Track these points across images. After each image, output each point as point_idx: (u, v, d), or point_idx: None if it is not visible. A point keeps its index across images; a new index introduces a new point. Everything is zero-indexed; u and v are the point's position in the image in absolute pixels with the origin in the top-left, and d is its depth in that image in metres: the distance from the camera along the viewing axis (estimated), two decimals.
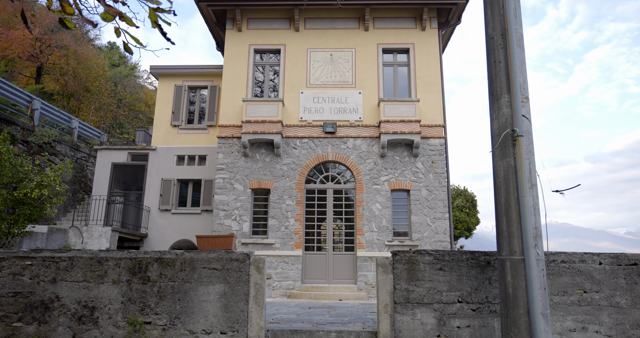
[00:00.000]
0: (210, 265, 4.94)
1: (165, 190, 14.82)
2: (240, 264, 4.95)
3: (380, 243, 12.46)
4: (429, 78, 13.66)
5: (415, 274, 4.92)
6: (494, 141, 4.55)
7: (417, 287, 4.88)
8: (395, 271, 4.94)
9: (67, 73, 26.29)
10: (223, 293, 4.86)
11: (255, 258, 5.00)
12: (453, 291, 4.86)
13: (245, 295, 4.87)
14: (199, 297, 4.85)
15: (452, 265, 4.93)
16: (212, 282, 4.89)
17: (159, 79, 15.94)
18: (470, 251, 5.00)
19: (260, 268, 4.95)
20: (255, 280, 4.92)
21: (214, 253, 4.96)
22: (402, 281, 4.91)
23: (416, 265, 4.94)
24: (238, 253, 4.98)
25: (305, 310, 7.37)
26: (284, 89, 13.72)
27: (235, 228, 12.71)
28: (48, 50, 25.39)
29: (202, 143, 15.23)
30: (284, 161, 13.15)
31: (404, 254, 4.99)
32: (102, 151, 15.35)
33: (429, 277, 4.91)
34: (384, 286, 4.90)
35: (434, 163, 13.03)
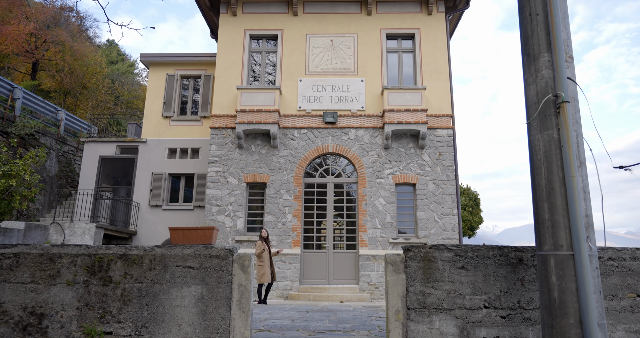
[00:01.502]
0: (186, 263, 4.10)
1: (156, 185, 13.99)
2: (221, 262, 4.12)
3: (384, 241, 11.62)
4: (436, 65, 12.81)
5: (432, 274, 4.08)
6: (530, 110, 3.71)
7: (435, 290, 4.04)
8: (408, 271, 4.10)
9: (63, 69, 25.60)
10: (200, 297, 4.03)
11: (240, 255, 4.16)
12: (478, 295, 4.03)
13: (227, 299, 4.04)
14: (171, 302, 4.01)
15: (476, 263, 4.10)
16: (187, 284, 4.06)
17: (150, 68, 15.12)
18: (497, 246, 4.16)
19: (246, 266, 4.12)
20: (239, 281, 4.08)
21: (190, 248, 4.13)
22: (416, 282, 4.07)
23: (433, 263, 4.11)
24: (219, 249, 4.15)
25: (302, 315, 6.54)
26: (281, 77, 12.88)
27: (228, 224, 11.87)
28: (44, 46, 24.67)
29: (195, 135, 14.40)
30: (281, 153, 12.32)
31: (418, 250, 4.15)
32: (90, 144, 14.52)
33: (448, 277, 4.07)
34: (395, 288, 4.06)
35: (442, 155, 12.19)
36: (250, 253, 4.18)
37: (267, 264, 9.56)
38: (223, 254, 4.13)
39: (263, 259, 9.56)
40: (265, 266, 9.54)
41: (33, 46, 24.20)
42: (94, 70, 28.77)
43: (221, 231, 11.82)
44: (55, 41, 24.94)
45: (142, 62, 15.12)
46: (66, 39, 25.70)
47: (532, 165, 3.64)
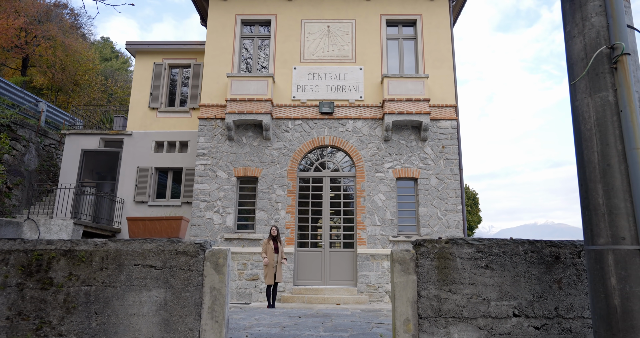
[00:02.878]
0: (146, 261, 3.33)
1: (142, 180, 13.19)
2: (190, 260, 3.35)
3: (384, 239, 10.86)
4: (439, 53, 12.07)
5: (449, 274, 3.32)
6: (574, 69, 2.96)
7: (453, 294, 3.28)
8: (419, 271, 3.34)
9: (54, 65, 24.82)
10: (163, 303, 3.26)
11: (214, 252, 3.39)
12: (506, 300, 3.27)
13: (196, 305, 3.27)
14: (126, 309, 3.24)
15: (503, 261, 3.34)
16: (147, 287, 3.29)
17: (136, 57, 14.31)
18: (528, 240, 3.41)
19: (220, 265, 3.35)
20: (212, 284, 3.31)
21: (152, 242, 3.36)
22: (430, 285, 3.31)
23: (451, 261, 3.35)
24: (188, 244, 3.38)
25: (293, 321, 5.77)
26: (274, 65, 12.11)
27: (217, 221, 11.09)
28: (34, 41, 23.85)
29: (183, 127, 13.60)
30: (274, 146, 11.54)
31: (432, 245, 3.39)
32: (71, 136, 13.70)
33: (469, 279, 3.31)
34: (404, 292, 3.30)
35: (445, 147, 11.44)
36: (225, 249, 3.41)
37: (272, 264, 8.88)
38: (192, 250, 3.36)
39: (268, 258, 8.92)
40: (270, 267, 8.85)
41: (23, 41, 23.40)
42: (86, 67, 28.10)
43: (209, 228, 11.04)
44: (46, 36, 24.16)
45: (127, 50, 14.31)
46: (57, 34, 24.93)
47: (578, 137, 2.89)
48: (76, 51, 26.89)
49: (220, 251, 3.39)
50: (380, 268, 10.62)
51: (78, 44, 27.99)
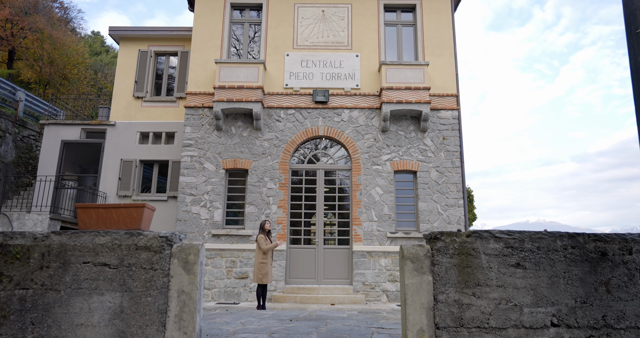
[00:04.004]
0: (98, 259, 2.69)
1: (125, 173, 12.47)
2: (153, 256, 2.71)
3: (381, 235, 10.26)
4: (439, 40, 11.47)
5: (472, 274, 2.71)
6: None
7: (478, 298, 2.67)
8: (436, 270, 2.73)
9: (41, 58, 24.00)
10: (119, 311, 2.62)
11: (183, 247, 2.76)
12: (542, 306, 2.67)
13: (160, 313, 2.63)
14: (72, 318, 2.60)
15: (538, 259, 2.73)
16: (98, 290, 2.64)
17: (120, 43, 13.57)
18: (568, 233, 2.81)
19: (191, 263, 2.71)
20: (180, 286, 2.68)
21: (106, 235, 2.72)
22: (449, 287, 2.69)
23: (474, 259, 2.73)
24: (151, 237, 2.74)
25: (283, 325, 5.15)
26: (266, 51, 11.44)
27: (204, 216, 10.43)
28: (21, 33, 22.99)
29: (170, 117, 12.89)
30: (265, 136, 10.89)
31: (451, 239, 2.78)
32: (50, 127, 12.95)
33: (497, 280, 2.70)
34: (417, 296, 2.68)
35: (446, 139, 10.85)
36: (197, 244, 2.78)
37: (270, 262, 8.21)
38: (156, 245, 2.72)
39: (267, 256, 8.17)
40: (268, 264, 8.15)
41: (9, 33, 22.54)
42: (75, 60, 27.37)
43: (196, 223, 10.38)
44: (33, 28, 23.32)
45: (111, 36, 13.57)
46: (45, 26, 24.11)
47: (637, 90, 2.28)
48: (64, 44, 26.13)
49: (191, 246, 2.75)
50: (377, 266, 10.03)
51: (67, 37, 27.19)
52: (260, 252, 8.13)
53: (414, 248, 2.77)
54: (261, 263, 8.06)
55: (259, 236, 8.18)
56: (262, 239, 8.14)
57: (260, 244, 8.10)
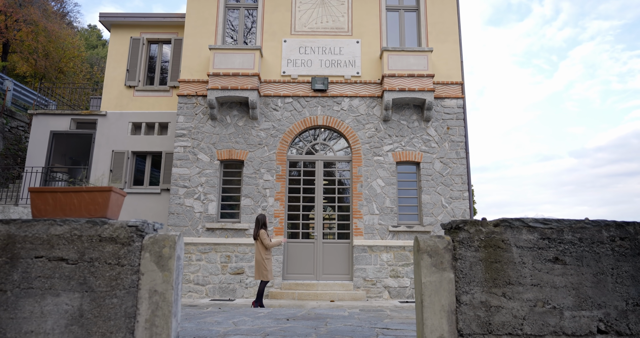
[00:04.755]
0: (53, 252, 2.25)
1: (117, 165, 12.01)
2: (120, 249, 2.27)
3: (383, 229, 9.83)
4: (443, 25, 10.99)
5: (502, 271, 2.27)
6: None
7: (509, 300, 2.23)
8: (459, 266, 2.29)
9: (36, 51, 23.49)
10: (78, 315, 2.18)
11: (157, 238, 2.31)
12: (587, 309, 2.23)
13: (127, 317, 2.19)
14: (19, 325, 2.16)
15: (580, 253, 2.30)
16: (53, 290, 2.20)
17: (112, 31, 13.06)
18: (615, 222, 2.37)
19: (165, 258, 2.27)
20: (152, 285, 2.23)
21: (64, 225, 2.27)
22: (474, 286, 2.25)
23: (504, 252, 2.29)
24: (117, 227, 2.29)
25: (279, 325, 4.72)
26: (262, 37, 10.95)
27: (198, 209, 9.98)
28: (15, 25, 22.45)
29: (163, 107, 12.41)
30: (262, 126, 10.43)
31: (476, 229, 2.34)
32: (39, 117, 12.46)
33: (531, 278, 2.26)
34: (436, 297, 2.24)
35: (450, 129, 10.40)
36: (174, 235, 2.33)
37: (271, 258, 7.81)
38: (124, 236, 2.27)
39: (269, 251, 7.76)
40: (271, 260, 7.74)
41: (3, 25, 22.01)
42: (71, 54, 26.92)
43: (190, 217, 9.94)
44: (27, 21, 22.79)
45: (101, 22, 13.04)
46: (40, 19, 23.58)
47: None
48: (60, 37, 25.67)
49: (166, 237, 2.30)
50: (379, 261, 9.61)
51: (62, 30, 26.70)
52: (263, 248, 7.70)
53: (432, 239, 2.33)
54: (266, 258, 7.64)
55: (262, 231, 7.74)
56: (266, 234, 7.71)
57: (263, 239, 7.66)
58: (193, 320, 5.09)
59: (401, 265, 9.58)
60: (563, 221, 2.33)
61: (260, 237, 7.68)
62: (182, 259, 2.40)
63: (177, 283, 2.29)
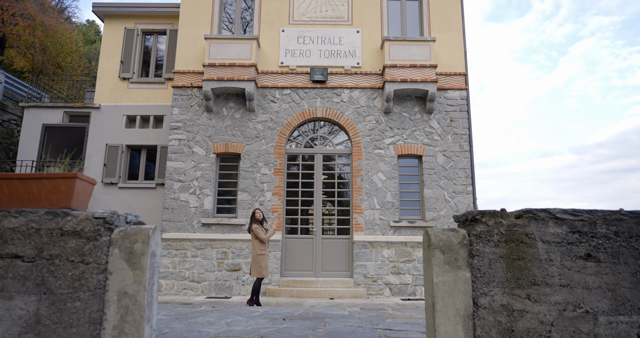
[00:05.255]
0: (6, 248, 1.95)
1: (111, 159, 11.70)
2: (85, 245, 1.96)
3: (384, 224, 9.53)
4: (446, 14, 10.65)
5: (526, 269, 1.97)
6: None
7: (534, 303, 1.93)
8: (476, 263, 1.98)
9: (33, 46, 23.17)
10: (34, 322, 1.88)
11: (128, 232, 2.01)
12: (625, 314, 1.93)
13: (92, 323, 1.89)
14: None
15: (616, 248, 1.99)
16: (5, 292, 1.90)
17: (105, 21, 12.71)
18: None
19: (137, 255, 1.97)
20: (122, 286, 1.93)
21: (19, 216, 1.97)
22: (494, 286, 1.95)
23: (528, 248, 1.99)
24: (82, 218, 1.99)
25: (275, 326, 4.43)
26: (259, 26, 10.61)
27: (194, 204, 9.68)
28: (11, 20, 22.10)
29: (158, 100, 12.09)
30: (259, 118, 10.11)
31: (496, 221, 2.03)
32: (31, 110, 12.15)
33: (560, 277, 1.96)
34: (450, 298, 1.94)
35: (454, 121, 10.08)
36: (147, 228, 2.03)
37: (267, 253, 7.46)
38: (89, 229, 1.96)
39: (265, 246, 7.40)
40: (266, 256, 7.39)
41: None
42: (69, 48, 26.61)
43: (185, 212, 9.64)
44: (24, 15, 22.43)
45: (94, 13, 12.70)
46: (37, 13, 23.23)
47: None
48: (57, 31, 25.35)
49: (139, 230, 2.00)
50: (380, 257, 9.32)
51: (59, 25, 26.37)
52: (258, 243, 7.39)
53: (445, 233, 2.02)
54: (260, 254, 7.33)
55: (255, 225, 7.43)
56: (259, 228, 7.39)
57: (257, 233, 7.35)
58: (183, 320, 4.80)
59: (403, 262, 9.29)
60: (596, 212, 2.03)
61: (254, 231, 7.38)
62: (157, 256, 2.09)
63: (151, 284, 1.99)
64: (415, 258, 9.32)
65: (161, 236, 9.53)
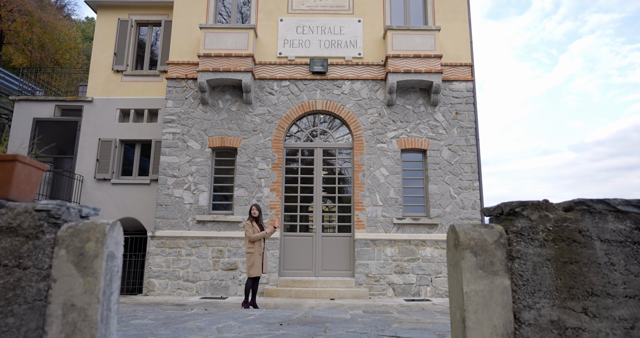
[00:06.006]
0: None
1: (104, 154, 11.29)
2: (22, 245, 1.55)
3: (387, 221, 9.13)
4: (451, 3, 10.22)
5: (581, 276, 1.55)
6: None
7: (592, 318, 1.52)
8: (517, 268, 1.57)
9: (31, 42, 22.81)
10: None
11: (78, 228, 1.59)
12: None
13: None
14: None
15: None
16: None
17: (98, 12, 12.28)
18: None
19: (89, 257, 1.55)
20: (68, 297, 1.52)
21: None
22: (540, 297, 1.54)
23: (582, 248, 1.57)
24: (19, 211, 1.57)
25: (271, 332, 4.03)
26: (257, 16, 10.18)
27: (188, 200, 9.28)
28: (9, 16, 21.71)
29: (153, 93, 11.66)
30: (257, 111, 9.69)
31: (540, 214, 1.61)
32: (21, 103, 11.73)
33: (624, 286, 1.55)
34: (485, 312, 1.53)
35: (459, 114, 9.67)
36: (103, 223, 1.62)
37: (259, 252, 6.98)
38: (29, 224, 1.55)
39: (254, 245, 6.94)
40: (255, 254, 6.91)
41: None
42: (68, 45, 26.25)
43: (179, 208, 9.23)
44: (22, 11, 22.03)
45: (87, 3, 12.26)
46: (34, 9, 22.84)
47: None
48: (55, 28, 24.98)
49: (93, 227, 1.59)
50: (382, 256, 8.92)
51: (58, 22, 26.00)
52: (247, 240, 6.98)
53: (477, 230, 1.61)
54: (248, 253, 6.91)
55: (246, 222, 7.01)
56: (249, 225, 6.96)
57: (245, 231, 6.94)
58: (171, 326, 4.40)
59: (406, 260, 8.89)
60: None
61: (244, 228, 6.98)
62: (118, 258, 1.68)
63: (107, 294, 1.58)
64: (420, 257, 8.92)
65: (155, 233, 9.13)
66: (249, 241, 6.90)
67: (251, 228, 6.93)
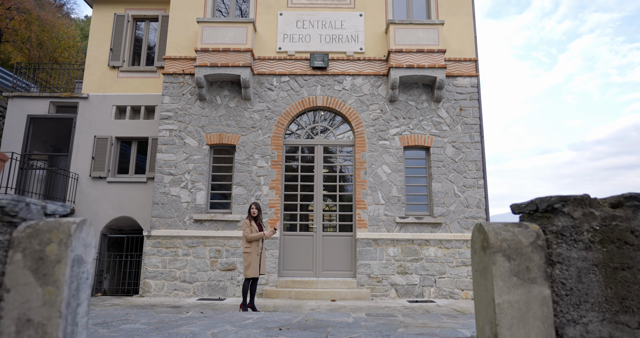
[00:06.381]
0: None
1: (100, 152, 11.03)
2: None
3: (390, 220, 8.88)
4: None
5: (635, 283, 1.30)
6: None
7: None
8: (558, 275, 1.32)
9: (29, 40, 22.62)
10: None
11: (38, 228, 1.33)
12: None
13: None
14: None
15: None
16: None
17: (94, 7, 12.03)
18: None
19: (50, 262, 1.29)
20: (24, 310, 1.26)
21: None
22: (587, 310, 1.29)
23: (636, 252, 1.32)
24: None
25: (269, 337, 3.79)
26: (256, 10, 9.93)
27: (185, 199, 9.03)
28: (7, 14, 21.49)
29: (149, 89, 11.41)
30: (256, 107, 9.44)
31: (584, 211, 1.36)
32: (15, 100, 11.47)
33: None
34: (522, 328, 1.28)
35: (463, 110, 9.42)
36: (69, 222, 1.36)
37: (256, 252, 6.71)
38: None
39: (251, 244, 6.68)
40: (252, 254, 6.64)
41: None
42: (66, 44, 26.08)
43: (176, 207, 8.99)
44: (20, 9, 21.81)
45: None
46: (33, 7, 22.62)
47: None
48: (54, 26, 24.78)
49: (56, 226, 1.34)
50: (385, 256, 8.68)
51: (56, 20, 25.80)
52: (244, 239, 6.73)
53: (509, 230, 1.36)
54: (245, 252, 6.66)
55: (244, 222, 6.76)
56: (246, 224, 6.71)
57: (243, 229, 6.69)
58: (164, 331, 4.15)
59: (409, 260, 8.65)
60: None
61: (242, 227, 6.73)
62: (87, 263, 1.43)
63: (73, 306, 1.33)
64: (423, 257, 8.67)
65: (151, 233, 8.88)
66: (246, 241, 6.65)
67: (249, 227, 6.68)
